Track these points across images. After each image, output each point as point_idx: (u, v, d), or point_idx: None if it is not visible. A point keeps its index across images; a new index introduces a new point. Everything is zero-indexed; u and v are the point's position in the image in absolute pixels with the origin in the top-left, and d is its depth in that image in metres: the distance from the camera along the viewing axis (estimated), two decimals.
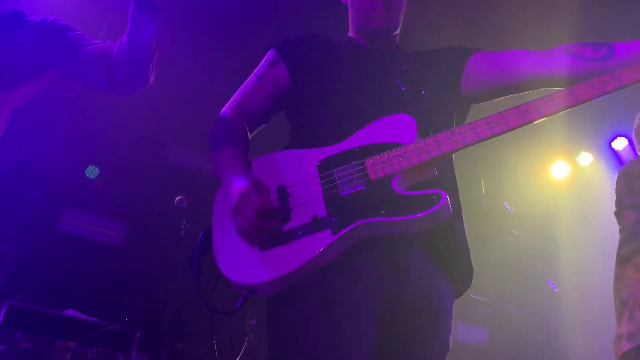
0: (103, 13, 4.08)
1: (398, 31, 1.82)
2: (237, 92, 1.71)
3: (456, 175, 1.67)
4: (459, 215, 1.57)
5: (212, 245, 1.43)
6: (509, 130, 1.38)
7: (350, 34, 1.85)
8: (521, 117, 1.38)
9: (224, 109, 1.67)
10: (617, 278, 2.35)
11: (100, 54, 1.81)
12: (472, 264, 1.56)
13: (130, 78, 1.82)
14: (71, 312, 3.82)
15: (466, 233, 1.60)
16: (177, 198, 4.06)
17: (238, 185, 1.37)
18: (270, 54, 1.76)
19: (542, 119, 1.39)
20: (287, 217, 1.36)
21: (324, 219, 1.33)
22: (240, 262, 1.35)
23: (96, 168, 5.18)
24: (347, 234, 1.31)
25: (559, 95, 1.39)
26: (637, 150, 2.80)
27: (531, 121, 1.39)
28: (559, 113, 1.40)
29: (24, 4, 1.92)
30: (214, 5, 4.51)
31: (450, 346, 1.50)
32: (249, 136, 1.67)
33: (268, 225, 1.33)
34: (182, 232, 4.10)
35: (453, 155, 1.60)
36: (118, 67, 1.78)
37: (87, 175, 5.16)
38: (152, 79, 1.85)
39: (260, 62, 1.77)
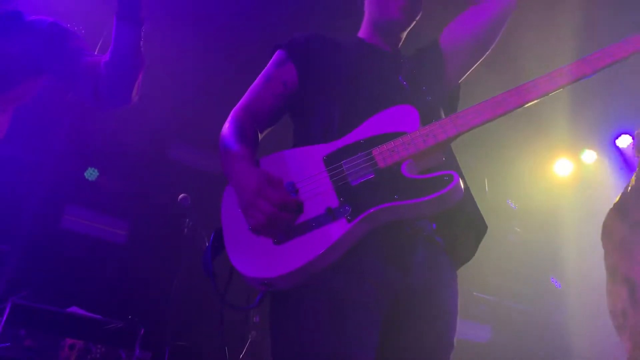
0: (105, 14, 4.07)
1: (405, 34, 1.87)
2: (246, 94, 1.72)
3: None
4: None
5: (224, 244, 1.43)
6: (511, 110, 1.41)
7: (361, 34, 1.87)
8: (522, 97, 1.41)
9: (233, 111, 1.67)
10: None
11: (91, 66, 1.80)
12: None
13: (111, 93, 1.80)
14: (75, 310, 3.84)
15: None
16: (180, 196, 4.07)
17: (250, 181, 1.37)
18: (278, 54, 1.76)
19: (542, 98, 1.42)
20: (300, 211, 1.37)
21: (337, 209, 1.34)
22: (256, 258, 1.35)
23: (95, 170, 5.19)
24: (362, 221, 1.32)
25: (556, 73, 1.42)
26: None
27: (532, 100, 1.42)
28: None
29: (23, 3, 1.91)
30: (215, 5, 4.51)
31: (455, 344, 1.50)
32: (259, 137, 1.67)
33: (287, 218, 1.33)
34: (185, 230, 4.12)
35: (456, 154, 1.61)
36: (102, 80, 1.77)
37: (87, 177, 5.17)
38: (134, 97, 1.83)
39: (264, 61, 1.78)
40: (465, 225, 1.55)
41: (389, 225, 1.37)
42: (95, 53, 1.88)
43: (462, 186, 1.35)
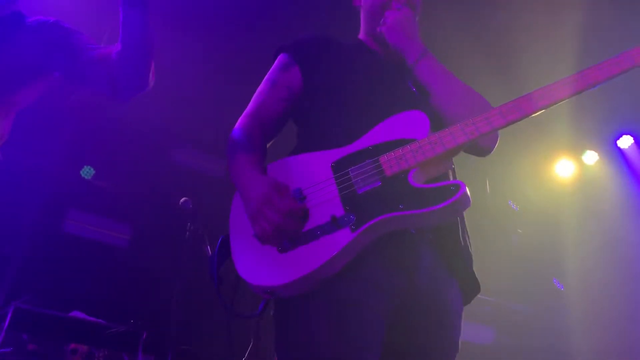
0: (106, 15, 4.08)
1: None
2: (252, 100, 1.70)
3: (461, 174, 1.67)
4: (464, 221, 1.58)
5: (230, 251, 1.42)
6: (522, 118, 1.38)
7: (361, 36, 1.86)
8: (534, 104, 1.37)
9: (240, 119, 1.66)
10: None
11: (102, 59, 1.79)
12: (478, 276, 1.55)
13: (128, 80, 1.79)
14: (77, 314, 3.84)
15: (472, 233, 1.60)
16: (182, 199, 4.06)
17: (257, 189, 1.37)
18: (282, 58, 1.74)
19: (555, 105, 1.38)
20: (305, 219, 1.36)
21: (342, 218, 1.33)
22: (260, 266, 1.35)
23: (91, 168, 5.19)
24: (367, 231, 1.31)
25: (570, 80, 1.38)
26: None
27: (544, 107, 1.38)
28: (569, 102, 1.40)
29: (23, 4, 1.91)
30: (219, 7, 4.52)
31: (459, 347, 1.50)
32: (268, 143, 1.66)
33: (293, 226, 1.32)
34: (187, 233, 4.11)
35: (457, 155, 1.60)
36: (116, 70, 1.76)
37: (83, 175, 5.16)
38: (151, 81, 1.82)
39: (268, 63, 1.76)
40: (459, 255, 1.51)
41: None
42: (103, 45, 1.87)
43: (469, 196, 1.32)
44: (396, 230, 1.34)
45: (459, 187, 1.30)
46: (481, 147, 1.57)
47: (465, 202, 1.31)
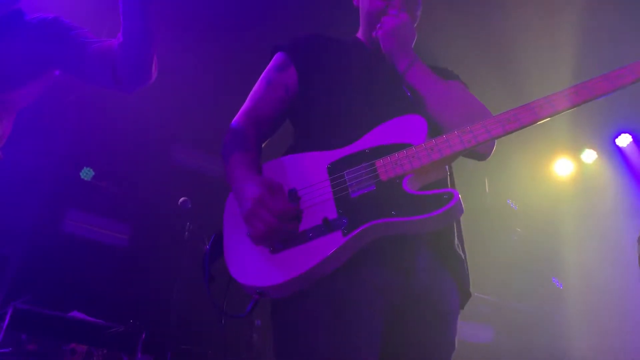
0: (105, 14, 4.08)
1: None
2: (247, 99, 1.69)
3: (460, 173, 1.67)
4: (460, 227, 1.58)
5: (222, 250, 1.42)
6: (521, 128, 1.35)
7: (359, 35, 1.85)
8: (534, 114, 1.35)
9: (235, 118, 1.65)
10: None
11: (104, 52, 1.78)
12: (477, 275, 1.55)
13: (132, 72, 1.78)
14: (76, 314, 3.84)
15: (471, 232, 1.60)
16: (181, 199, 4.07)
17: (251, 190, 1.36)
18: (278, 57, 1.73)
19: (555, 115, 1.35)
20: (299, 220, 1.35)
21: (335, 221, 1.32)
22: (251, 266, 1.34)
23: (91, 170, 5.18)
24: (358, 236, 1.30)
25: (572, 91, 1.36)
26: None
27: (544, 118, 1.35)
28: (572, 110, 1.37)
29: (24, 2, 1.90)
30: (218, 6, 4.52)
31: (456, 345, 1.50)
32: (263, 143, 1.66)
33: (286, 227, 1.32)
34: (186, 233, 4.12)
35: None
36: (119, 62, 1.75)
37: (82, 177, 5.16)
38: (154, 73, 1.81)
39: (266, 63, 1.75)
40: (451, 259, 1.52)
41: None
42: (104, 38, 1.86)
43: (462, 204, 1.30)
44: (389, 235, 1.34)
45: (452, 195, 1.28)
46: (477, 154, 1.56)
47: (458, 210, 1.30)
